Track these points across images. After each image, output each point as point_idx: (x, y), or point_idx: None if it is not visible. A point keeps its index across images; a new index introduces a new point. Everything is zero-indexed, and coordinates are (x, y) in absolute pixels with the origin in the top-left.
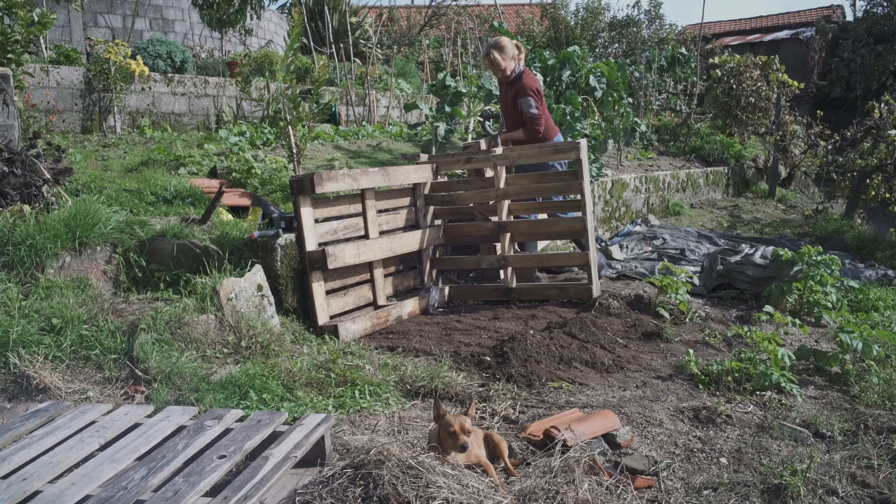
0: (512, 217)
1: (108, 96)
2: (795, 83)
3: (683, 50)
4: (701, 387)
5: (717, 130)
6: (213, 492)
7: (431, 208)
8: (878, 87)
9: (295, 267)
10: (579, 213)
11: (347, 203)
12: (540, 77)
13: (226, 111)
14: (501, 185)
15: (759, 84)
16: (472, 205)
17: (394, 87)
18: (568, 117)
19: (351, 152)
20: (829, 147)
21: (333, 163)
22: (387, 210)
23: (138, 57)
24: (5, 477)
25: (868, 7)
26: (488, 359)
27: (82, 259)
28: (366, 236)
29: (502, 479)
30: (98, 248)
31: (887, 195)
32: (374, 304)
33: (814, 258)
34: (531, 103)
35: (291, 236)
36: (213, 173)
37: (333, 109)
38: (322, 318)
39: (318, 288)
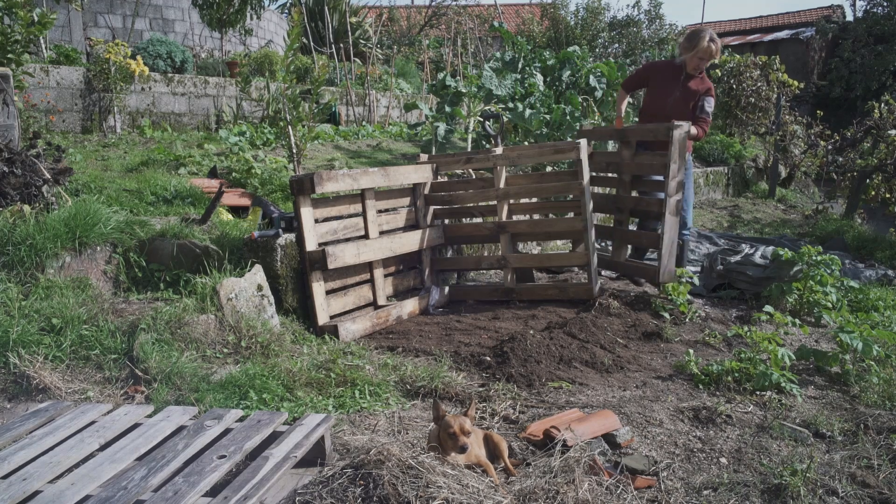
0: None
1: (108, 96)
2: (795, 83)
3: None
4: (701, 387)
5: (717, 130)
6: (213, 492)
7: (431, 208)
8: (878, 87)
9: (295, 267)
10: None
11: (347, 203)
12: (540, 77)
13: (226, 111)
14: (501, 185)
15: (759, 84)
16: (471, 205)
17: (394, 87)
18: (568, 117)
19: (351, 152)
20: (829, 147)
21: (333, 163)
22: (387, 210)
23: (138, 57)
24: (5, 477)
25: (868, 7)
26: (488, 359)
27: (82, 259)
28: (366, 236)
29: (502, 479)
30: (98, 248)
31: (887, 195)
32: (374, 304)
33: (814, 258)
34: (713, 104)
35: (291, 236)
36: (213, 173)
37: (333, 109)
38: (322, 318)
39: (318, 288)
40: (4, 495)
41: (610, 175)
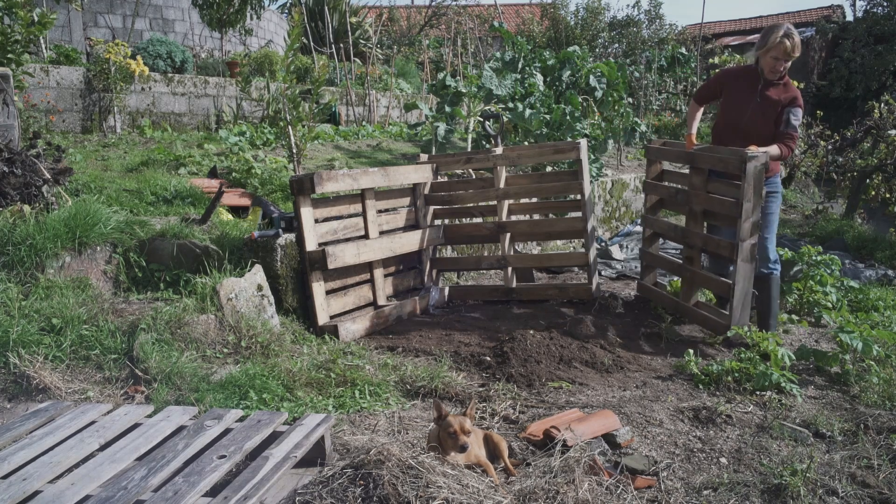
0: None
1: (108, 96)
2: (795, 83)
3: (683, 50)
4: (701, 387)
5: None
6: (213, 492)
7: (431, 208)
8: (878, 87)
9: (295, 267)
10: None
11: (347, 203)
12: (540, 77)
13: (226, 111)
14: (501, 185)
15: None
16: (471, 205)
17: (394, 87)
18: (568, 117)
19: (351, 152)
20: (829, 147)
21: (333, 163)
22: (387, 210)
23: (138, 57)
24: (5, 477)
25: (868, 7)
26: (488, 359)
27: (82, 259)
28: (366, 236)
29: (502, 479)
30: (98, 248)
31: (887, 195)
32: (374, 304)
33: (814, 258)
34: (800, 117)
35: (291, 236)
36: (213, 173)
37: (333, 109)
38: (322, 318)
39: (318, 288)
40: (4, 495)
41: (680, 200)
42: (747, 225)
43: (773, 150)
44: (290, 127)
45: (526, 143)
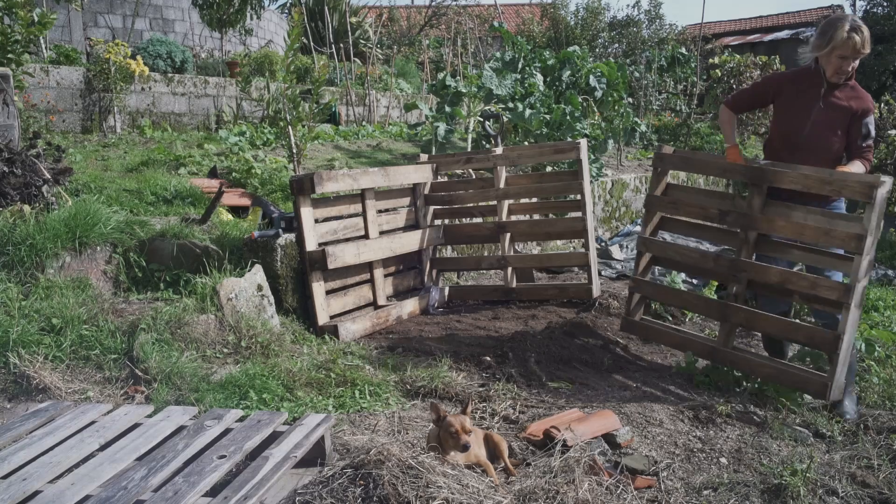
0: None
1: (108, 96)
2: None
3: (683, 50)
4: (701, 387)
5: (718, 130)
6: (213, 492)
7: (431, 208)
8: (878, 87)
9: (295, 267)
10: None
11: (347, 203)
12: (540, 77)
13: (226, 111)
14: (501, 185)
15: None
16: (471, 205)
17: (394, 87)
18: (568, 117)
19: (351, 152)
20: None
21: (333, 163)
22: (387, 210)
23: (138, 57)
24: (5, 477)
25: (868, 7)
26: (488, 359)
27: (82, 259)
28: (366, 236)
29: (502, 479)
30: (98, 248)
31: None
32: (374, 304)
33: None
34: (873, 124)
35: (291, 236)
36: (213, 173)
37: (333, 109)
38: (322, 318)
39: (318, 288)
40: (4, 495)
41: (711, 224)
42: (865, 262)
43: (859, 167)
44: (290, 127)
45: (526, 143)
